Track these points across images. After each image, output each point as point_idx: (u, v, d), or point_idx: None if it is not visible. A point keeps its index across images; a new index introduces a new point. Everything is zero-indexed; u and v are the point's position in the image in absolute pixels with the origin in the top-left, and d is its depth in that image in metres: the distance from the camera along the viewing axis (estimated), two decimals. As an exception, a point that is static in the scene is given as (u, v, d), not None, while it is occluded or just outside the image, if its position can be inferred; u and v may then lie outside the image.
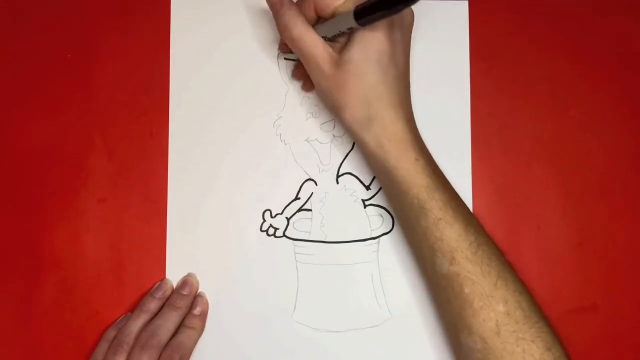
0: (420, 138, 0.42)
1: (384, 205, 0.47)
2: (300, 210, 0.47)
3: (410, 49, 0.43)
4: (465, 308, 0.38)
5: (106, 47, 0.48)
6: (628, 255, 0.47)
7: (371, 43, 0.38)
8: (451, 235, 0.39)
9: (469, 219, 0.40)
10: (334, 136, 0.48)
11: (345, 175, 0.48)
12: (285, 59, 0.48)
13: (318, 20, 0.42)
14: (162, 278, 0.47)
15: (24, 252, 0.47)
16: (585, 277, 0.47)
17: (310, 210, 0.48)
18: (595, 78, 0.48)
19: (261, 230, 0.47)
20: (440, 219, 0.39)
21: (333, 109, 0.42)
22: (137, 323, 0.44)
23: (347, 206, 0.48)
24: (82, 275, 0.47)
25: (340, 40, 0.41)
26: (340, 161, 0.48)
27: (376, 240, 0.47)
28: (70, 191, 0.47)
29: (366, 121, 0.40)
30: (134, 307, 0.46)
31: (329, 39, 0.41)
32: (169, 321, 0.44)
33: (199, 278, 0.47)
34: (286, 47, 0.45)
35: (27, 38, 0.49)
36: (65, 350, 0.46)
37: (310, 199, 0.48)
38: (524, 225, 0.47)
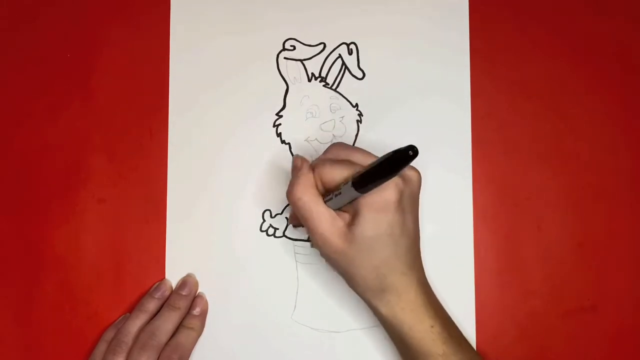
0: (435, 299, 0.41)
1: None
2: (300, 210, 0.47)
3: (411, 48, 0.43)
4: None
5: (106, 47, 0.48)
6: (628, 255, 0.47)
7: (381, 217, 0.37)
8: None
9: None
10: (334, 136, 0.48)
11: (345, 175, 0.48)
12: (285, 58, 0.48)
13: (326, 194, 0.40)
14: (162, 278, 0.47)
15: (24, 252, 0.47)
16: (585, 277, 0.47)
17: (310, 210, 0.47)
18: (595, 78, 0.48)
19: (261, 230, 0.47)
20: None
21: (342, 276, 0.41)
22: (136, 323, 0.44)
23: (347, 206, 0.48)
24: (82, 275, 0.47)
25: (346, 217, 0.39)
26: (340, 161, 0.48)
27: (376, 240, 0.47)
28: (70, 191, 0.47)
29: (379, 291, 0.39)
30: (134, 308, 0.46)
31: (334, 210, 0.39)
32: (168, 321, 0.44)
33: (198, 278, 0.47)
34: (296, 220, 0.44)
35: (27, 38, 0.49)
36: (65, 350, 0.46)
37: (310, 199, 0.48)
38: (524, 225, 0.47)
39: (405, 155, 0.33)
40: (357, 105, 0.48)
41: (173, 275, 0.47)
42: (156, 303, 0.45)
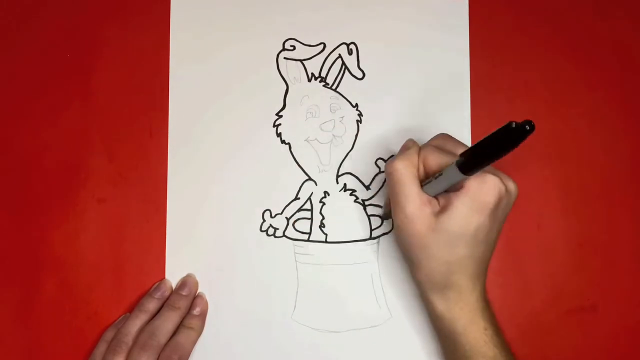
0: (491, 309, 0.41)
1: (384, 205, 0.47)
2: (299, 210, 0.47)
3: (411, 48, 0.43)
4: None
5: (106, 47, 0.48)
6: (628, 255, 0.47)
7: (474, 216, 0.37)
8: None
9: None
10: (334, 136, 0.48)
11: (345, 175, 0.48)
12: (285, 58, 0.48)
13: (425, 179, 0.40)
14: (162, 278, 0.47)
15: (24, 252, 0.47)
16: (585, 277, 0.47)
17: (310, 210, 0.48)
18: (595, 78, 0.48)
19: (261, 231, 0.47)
20: None
21: (407, 260, 0.41)
22: (135, 323, 0.44)
23: (347, 206, 0.48)
24: (82, 275, 0.47)
25: (436, 205, 0.38)
26: (340, 161, 0.48)
27: (376, 240, 0.47)
28: (70, 191, 0.47)
29: (441, 286, 0.39)
30: (134, 307, 0.46)
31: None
32: (168, 321, 0.44)
33: (198, 278, 0.47)
34: (389, 208, 0.44)
35: (27, 38, 0.49)
36: (65, 350, 0.46)
37: (310, 199, 0.48)
38: (524, 225, 0.47)
39: (521, 130, 0.30)
40: (357, 105, 0.48)
41: (173, 275, 0.47)
42: (156, 303, 0.45)
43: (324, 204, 0.47)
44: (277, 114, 0.48)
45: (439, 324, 0.41)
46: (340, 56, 0.48)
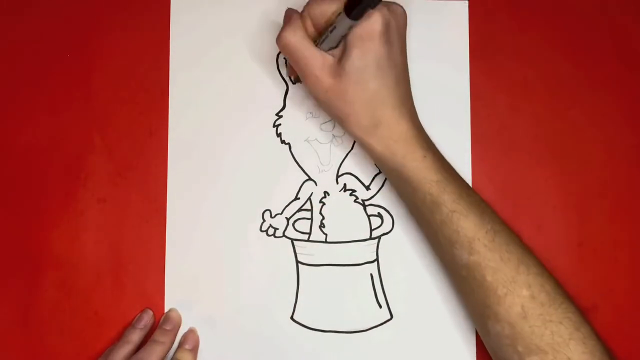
0: (426, 134, 0.42)
1: (384, 205, 0.47)
2: (299, 210, 0.47)
3: (410, 49, 0.43)
4: (489, 296, 0.39)
5: (106, 46, 0.48)
6: (628, 255, 0.47)
7: (368, 45, 0.38)
8: (467, 226, 0.39)
9: (483, 208, 0.41)
10: (334, 136, 0.48)
11: (345, 175, 0.48)
12: (285, 58, 0.48)
13: (318, 36, 0.41)
14: (162, 278, 0.47)
15: (24, 252, 0.47)
16: (585, 277, 0.47)
17: (310, 210, 0.48)
18: (595, 78, 0.48)
19: (261, 231, 0.47)
20: (454, 211, 0.39)
21: (335, 118, 0.42)
22: (119, 353, 0.44)
23: (347, 206, 0.48)
24: (82, 275, 0.47)
25: (335, 53, 0.40)
26: (340, 161, 0.48)
27: (376, 240, 0.47)
28: (70, 191, 0.47)
29: (371, 127, 0.40)
30: (133, 307, 0.46)
31: (327, 51, 0.41)
32: (153, 355, 0.44)
33: (198, 278, 0.47)
34: (293, 71, 0.45)
35: (27, 37, 0.49)
36: (64, 350, 0.46)
37: (310, 199, 0.48)
38: (524, 225, 0.47)
39: None
40: (357, 105, 0.48)
41: (173, 275, 0.47)
42: (139, 333, 0.45)
43: (324, 204, 0.47)
44: (277, 114, 0.48)
45: (383, 165, 0.42)
46: (340, 56, 0.48)
